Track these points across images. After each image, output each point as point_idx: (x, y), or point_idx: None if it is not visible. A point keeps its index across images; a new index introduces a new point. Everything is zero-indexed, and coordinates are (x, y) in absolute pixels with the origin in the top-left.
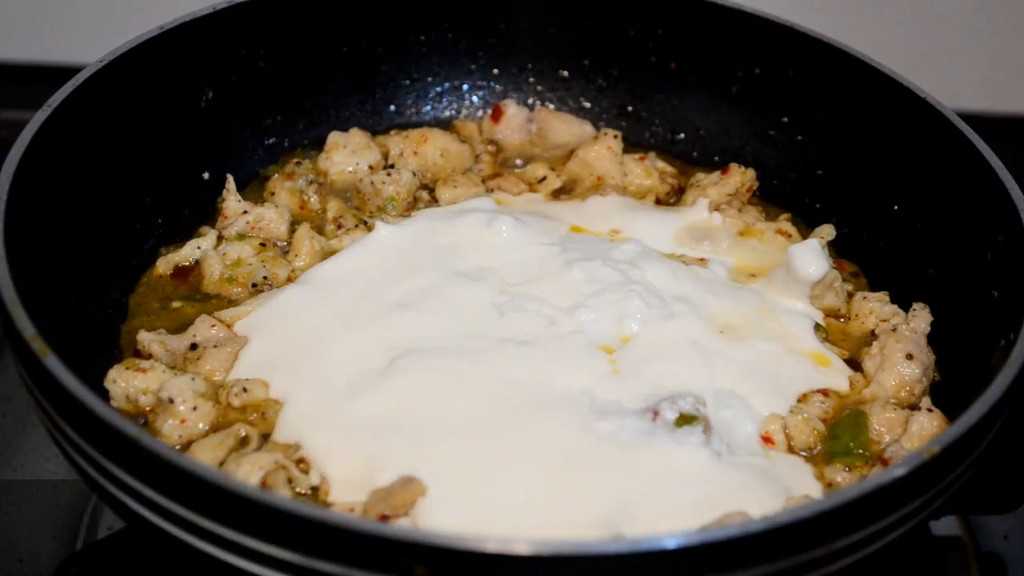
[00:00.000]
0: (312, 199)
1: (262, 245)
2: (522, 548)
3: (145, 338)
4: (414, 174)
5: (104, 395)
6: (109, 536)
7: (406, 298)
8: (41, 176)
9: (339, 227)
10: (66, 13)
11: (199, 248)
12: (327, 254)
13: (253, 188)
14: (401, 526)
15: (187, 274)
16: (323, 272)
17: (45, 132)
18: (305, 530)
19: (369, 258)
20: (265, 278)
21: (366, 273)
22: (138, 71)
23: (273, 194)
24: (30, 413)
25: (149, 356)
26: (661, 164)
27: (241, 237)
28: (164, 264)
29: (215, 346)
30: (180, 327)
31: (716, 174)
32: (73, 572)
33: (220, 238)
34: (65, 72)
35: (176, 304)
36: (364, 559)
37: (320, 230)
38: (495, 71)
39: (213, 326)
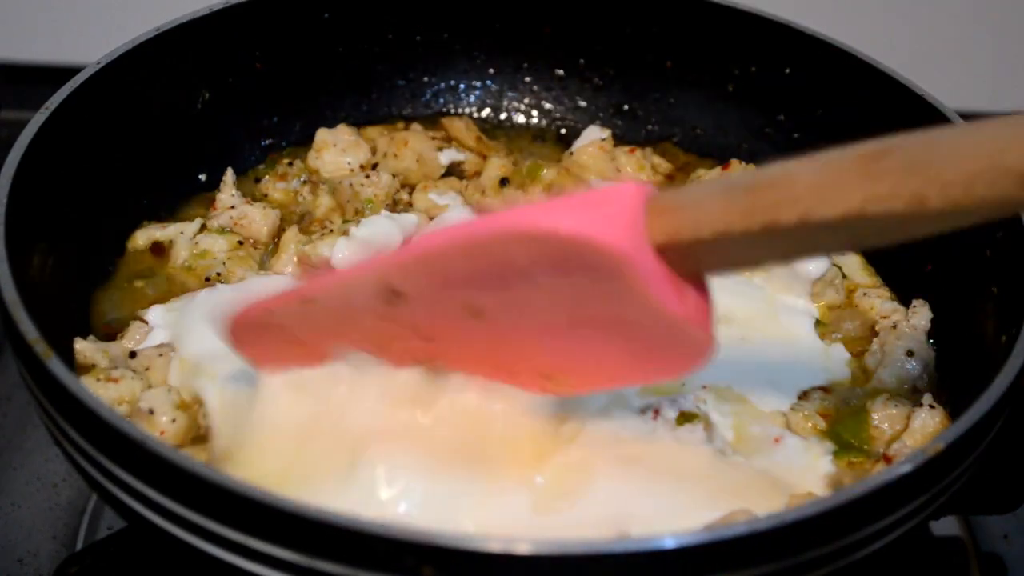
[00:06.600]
0: (306, 199)
1: (240, 243)
2: (524, 548)
3: (84, 347)
4: (394, 176)
5: None
6: (109, 536)
7: None
8: (40, 177)
9: (325, 228)
10: (66, 13)
11: (182, 233)
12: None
13: (247, 187)
14: (407, 527)
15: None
16: (260, 283)
17: (44, 134)
18: (310, 531)
19: None
20: (219, 274)
21: None
22: (135, 73)
23: (266, 195)
24: (30, 413)
25: (92, 367)
26: (656, 160)
27: (222, 231)
28: (144, 236)
29: (160, 355)
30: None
31: (717, 170)
32: (73, 572)
33: (204, 227)
34: (65, 72)
35: (138, 284)
36: (370, 560)
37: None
38: (491, 70)
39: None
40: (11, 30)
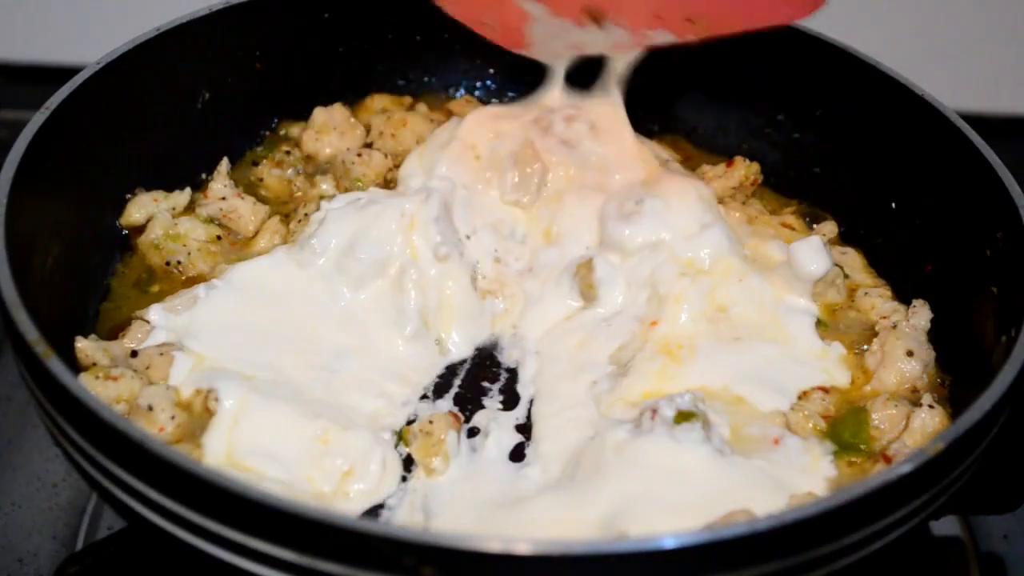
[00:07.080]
0: (300, 187)
1: (218, 238)
2: (524, 548)
3: (85, 346)
4: (386, 156)
5: None
6: (109, 536)
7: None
8: (40, 177)
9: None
10: (66, 13)
11: (173, 207)
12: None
13: (244, 171)
14: (408, 528)
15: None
16: (242, 273)
17: (44, 134)
18: (312, 531)
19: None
20: (179, 262)
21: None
22: (135, 73)
23: (261, 180)
24: (30, 413)
25: (93, 365)
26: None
27: (209, 220)
28: (138, 209)
29: (160, 354)
30: None
31: (721, 167)
32: (73, 572)
33: (191, 208)
34: (65, 72)
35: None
36: (370, 560)
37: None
38: (491, 70)
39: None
40: (11, 30)
